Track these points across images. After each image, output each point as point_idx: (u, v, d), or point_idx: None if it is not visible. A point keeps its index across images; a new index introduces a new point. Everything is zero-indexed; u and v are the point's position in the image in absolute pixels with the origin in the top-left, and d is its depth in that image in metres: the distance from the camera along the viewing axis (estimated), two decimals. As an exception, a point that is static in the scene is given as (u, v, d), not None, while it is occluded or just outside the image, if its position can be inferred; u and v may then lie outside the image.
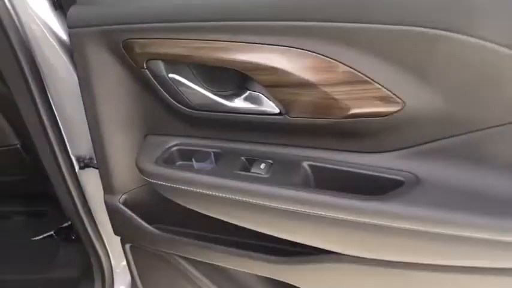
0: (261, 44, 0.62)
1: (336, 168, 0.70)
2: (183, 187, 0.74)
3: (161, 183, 0.76)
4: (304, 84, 0.62)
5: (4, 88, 1.08)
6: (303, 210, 0.66)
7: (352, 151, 0.70)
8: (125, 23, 0.69)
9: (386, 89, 0.60)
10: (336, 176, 0.70)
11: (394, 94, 0.60)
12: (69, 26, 0.73)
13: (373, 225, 0.62)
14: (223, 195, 0.70)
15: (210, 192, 0.72)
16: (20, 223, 1.65)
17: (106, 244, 1.14)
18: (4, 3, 0.78)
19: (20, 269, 1.46)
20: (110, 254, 1.17)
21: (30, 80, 0.84)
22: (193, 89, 0.71)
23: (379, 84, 0.60)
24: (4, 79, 0.89)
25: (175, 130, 0.80)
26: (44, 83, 0.87)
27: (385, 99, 0.60)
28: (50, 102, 0.90)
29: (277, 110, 0.68)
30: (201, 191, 0.72)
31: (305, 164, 0.71)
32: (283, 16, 0.59)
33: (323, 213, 0.65)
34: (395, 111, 0.61)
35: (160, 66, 0.71)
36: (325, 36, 0.58)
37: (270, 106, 0.68)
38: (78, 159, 1.01)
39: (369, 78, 0.59)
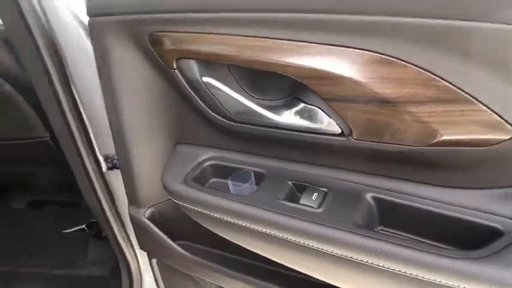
0: (326, 44, 0.46)
1: (408, 204, 0.54)
2: (214, 214, 0.61)
3: (188, 206, 0.64)
4: (381, 100, 0.46)
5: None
6: (365, 260, 0.51)
7: (432, 184, 0.53)
8: (152, 12, 0.55)
9: (494, 112, 0.43)
10: (407, 215, 0.54)
11: (504, 119, 0.43)
12: (88, 14, 0.60)
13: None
14: (264, 230, 0.57)
15: (248, 225, 0.58)
16: (53, 213, 1.61)
17: (134, 247, 1.06)
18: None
19: (50, 263, 1.42)
20: (139, 257, 1.08)
21: (51, 71, 0.74)
22: (233, 97, 0.57)
23: (484, 105, 0.43)
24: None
25: (210, 141, 0.67)
26: (68, 75, 0.77)
27: (490, 125, 0.44)
28: (75, 97, 0.80)
29: (338, 130, 0.52)
30: (236, 222, 0.59)
31: (368, 195, 0.56)
32: (358, 9, 0.43)
33: (390, 267, 0.50)
34: (503, 141, 0.44)
35: (193, 67, 0.57)
36: (412, 37, 0.42)
37: (329, 124, 0.53)
38: (107, 159, 0.92)
39: (471, 96, 0.43)
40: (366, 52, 0.45)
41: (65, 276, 1.39)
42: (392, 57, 0.44)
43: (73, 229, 1.50)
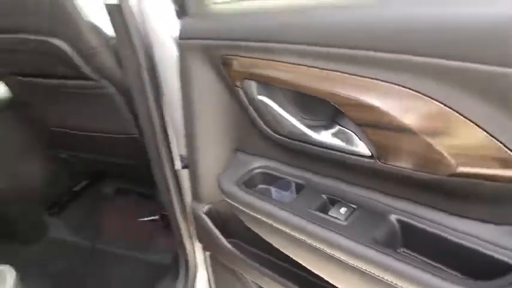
0: (361, 76, 0.54)
1: (430, 231, 0.58)
2: (256, 215, 0.70)
3: (237, 205, 0.74)
4: (404, 130, 0.52)
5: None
6: (385, 278, 0.56)
7: (450, 213, 0.57)
8: (225, 38, 0.68)
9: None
10: (429, 241, 0.58)
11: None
12: (179, 37, 0.75)
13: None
14: (295, 234, 0.65)
15: (283, 228, 0.67)
16: (134, 201, 1.83)
17: (193, 240, 1.18)
18: (129, 8, 0.84)
19: (124, 244, 1.61)
20: (196, 249, 1.20)
21: (146, 80, 0.90)
22: (281, 115, 0.67)
23: (503, 145, 0.47)
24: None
25: (262, 151, 0.77)
26: (159, 85, 0.92)
27: (509, 163, 0.48)
28: (161, 104, 0.95)
29: (368, 153, 0.59)
30: (273, 224, 0.68)
31: (393, 217, 0.61)
32: (390, 47, 0.50)
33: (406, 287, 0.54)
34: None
35: (254, 86, 0.68)
36: (436, 76, 0.48)
37: (360, 146, 0.60)
38: (182, 159, 1.06)
39: (491, 135, 0.47)
40: (396, 86, 0.51)
41: (135, 258, 1.57)
42: (419, 92, 0.50)
43: (148, 218, 1.69)
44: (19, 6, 1.11)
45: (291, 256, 0.71)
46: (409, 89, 0.50)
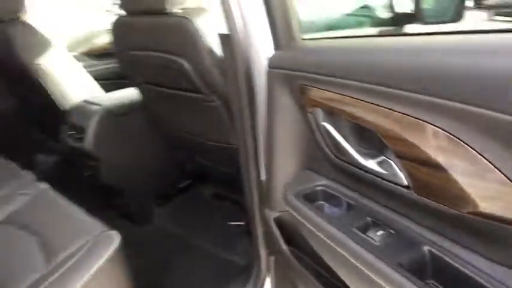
0: (403, 113, 0.61)
1: (460, 269, 0.61)
2: (311, 227, 0.80)
3: (297, 216, 0.84)
4: (434, 166, 0.58)
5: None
6: None
7: (474, 251, 0.60)
8: (303, 71, 0.80)
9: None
10: (458, 279, 0.62)
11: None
12: (268, 66, 0.89)
13: None
14: (337, 248, 0.73)
15: (328, 241, 0.75)
16: (227, 205, 2.03)
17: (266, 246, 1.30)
18: (238, 39, 1.01)
19: (213, 242, 1.80)
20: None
21: (245, 100, 1.06)
22: (340, 141, 0.76)
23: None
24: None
25: (324, 171, 0.86)
26: (254, 104, 1.07)
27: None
28: (255, 119, 1.10)
29: (405, 183, 0.65)
30: (321, 236, 0.77)
31: (425, 248, 0.65)
32: (438, 93, 0.57)
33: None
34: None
35: (320, 114, 0.79)
36: (466, 120, 0.53)
37: (399, 177, 0.66)
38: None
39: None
40: (431, 126, 0.58)
41: (218, 255, 1.75)
42: (452, 135, 0.55)
43: (235, 223, 1.87)
44: (160, 31, 1.39)
45: (333, 268, 0.79)
46: (445, 130, 0.56)
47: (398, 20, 1.10)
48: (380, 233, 0.69)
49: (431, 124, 0.57)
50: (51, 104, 1.92)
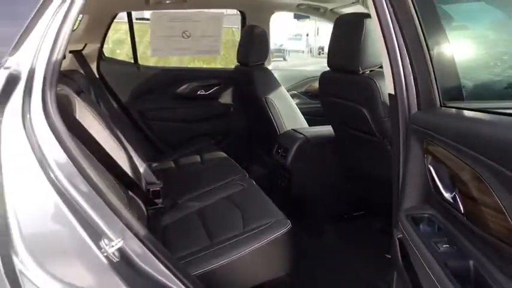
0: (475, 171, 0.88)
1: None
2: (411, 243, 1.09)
3: (404, 233, 1.14)
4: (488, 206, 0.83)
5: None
6: None
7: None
8: (429, 129, 1.11)
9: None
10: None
11: None
12: (410, 121, 1.23)
13: None
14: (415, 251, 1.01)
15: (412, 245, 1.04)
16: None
17: None
18: (402, 98, 1.35)
19: (368, 269, 2.07)
20: None
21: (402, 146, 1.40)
22: (437, 182, 1.05)
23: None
24: None
25: (432, 204, 1.13)
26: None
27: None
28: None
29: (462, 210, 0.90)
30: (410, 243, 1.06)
31: (471, 262, 0.88)
32: None
33: None
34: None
35: (429, 158, 1.08)
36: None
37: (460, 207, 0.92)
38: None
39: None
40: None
41: (366, 280, 2.01)
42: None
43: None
44: (352, 86, 1.85)
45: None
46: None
47: None
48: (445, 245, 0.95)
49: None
50: (271, 128, 2.61)
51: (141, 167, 2.11)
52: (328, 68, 2.01)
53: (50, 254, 1.00)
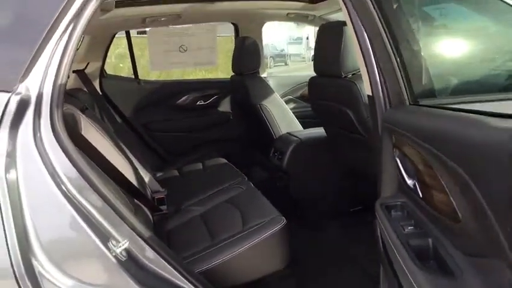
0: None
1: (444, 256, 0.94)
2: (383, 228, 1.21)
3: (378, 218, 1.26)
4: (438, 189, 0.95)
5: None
6: None
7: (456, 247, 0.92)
8: (394, 125, 1.23)
9: None
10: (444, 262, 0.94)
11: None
12: (382, 120, 1.35)
13: None
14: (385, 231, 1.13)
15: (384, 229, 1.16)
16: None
17: None
18: (379, 101, 1.48)
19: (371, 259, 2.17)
20: None
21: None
22: (403, 174, 1.17)
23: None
24: None
25: (403, 192, 1.25)
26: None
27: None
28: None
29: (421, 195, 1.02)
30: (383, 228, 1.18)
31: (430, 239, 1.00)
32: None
33: None
34: None
35: (397, 152, 1.20)
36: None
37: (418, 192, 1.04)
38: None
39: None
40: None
41: (367, 271, 2.12)
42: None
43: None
44: (336, 89, 1.98)
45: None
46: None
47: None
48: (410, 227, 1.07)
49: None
50: (267, 133, 2.74)
51: (146, 177, 2.25)
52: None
53: (65, 256, 1.13)
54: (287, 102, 3.45)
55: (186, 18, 2.89)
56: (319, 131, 2.48)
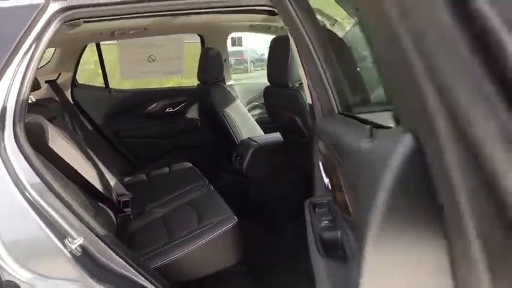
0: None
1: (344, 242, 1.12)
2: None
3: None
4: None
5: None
6: None
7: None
8: (317, 132, 1.41)
9: None
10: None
11: None
12: (311, 125, 1.53)
13: None
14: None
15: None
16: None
17: None
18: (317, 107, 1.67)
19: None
20: None
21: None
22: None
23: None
24: None
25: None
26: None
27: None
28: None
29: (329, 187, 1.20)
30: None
31: (339, 232, 1.18)
32: None
33: None
34: None
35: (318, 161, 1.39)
36: None
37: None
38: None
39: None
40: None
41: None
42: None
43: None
44: (285, 98, 2.16)
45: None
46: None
47: None
48: (326, 222, 1.25)
49: None
50: (230, 139, 2.91)
51: (112, 181, 2.39)
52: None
53: (25, 253, 1.28)
54: (253, 108, 3.64)
55: (153, 30, 3.04)
56: (278, 136, 2.66)
